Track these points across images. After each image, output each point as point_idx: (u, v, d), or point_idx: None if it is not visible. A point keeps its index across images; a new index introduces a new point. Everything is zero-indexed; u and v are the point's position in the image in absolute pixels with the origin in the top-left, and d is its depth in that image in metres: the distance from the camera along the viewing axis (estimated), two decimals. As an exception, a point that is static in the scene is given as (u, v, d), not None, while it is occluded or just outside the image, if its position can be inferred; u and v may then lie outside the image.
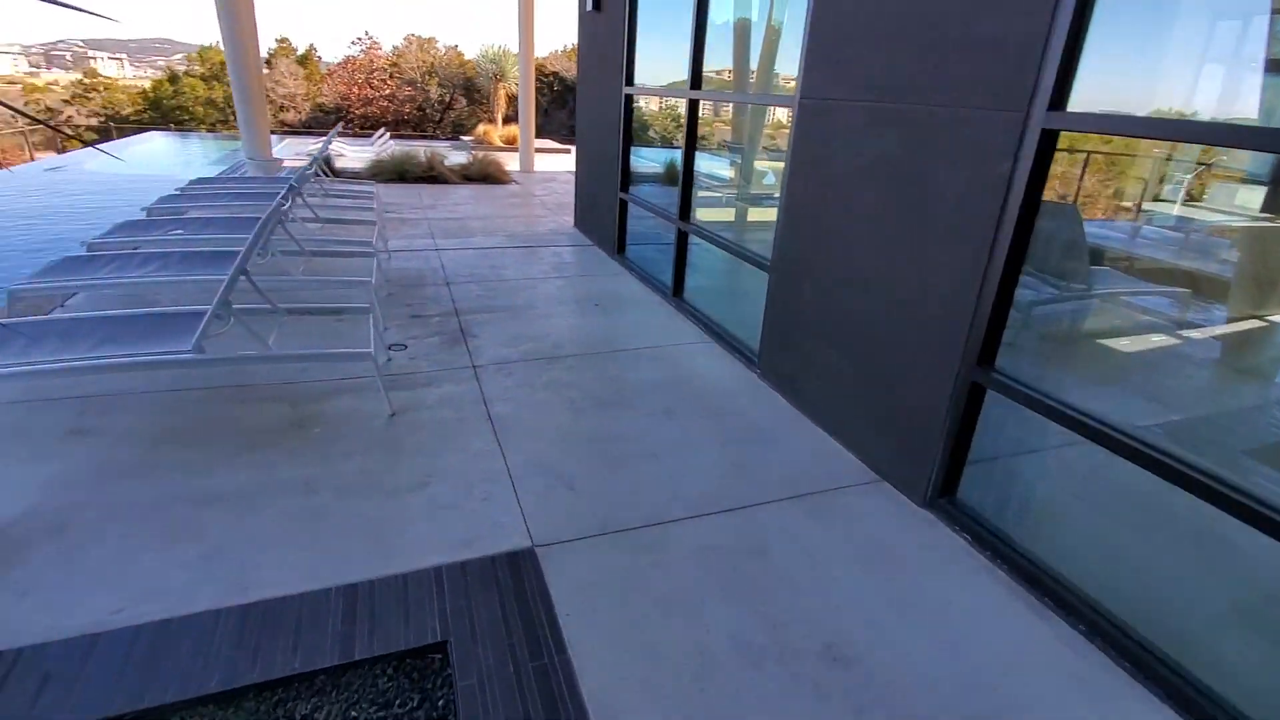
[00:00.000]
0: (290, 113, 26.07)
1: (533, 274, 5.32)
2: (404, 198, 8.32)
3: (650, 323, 4.40)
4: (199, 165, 11.85)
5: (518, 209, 8.16)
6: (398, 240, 6.08)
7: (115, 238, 4.39)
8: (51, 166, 10.17)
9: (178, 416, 2.81)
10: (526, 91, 11.22)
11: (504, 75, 17.54)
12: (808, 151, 3.10)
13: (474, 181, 10.00)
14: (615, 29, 5.47)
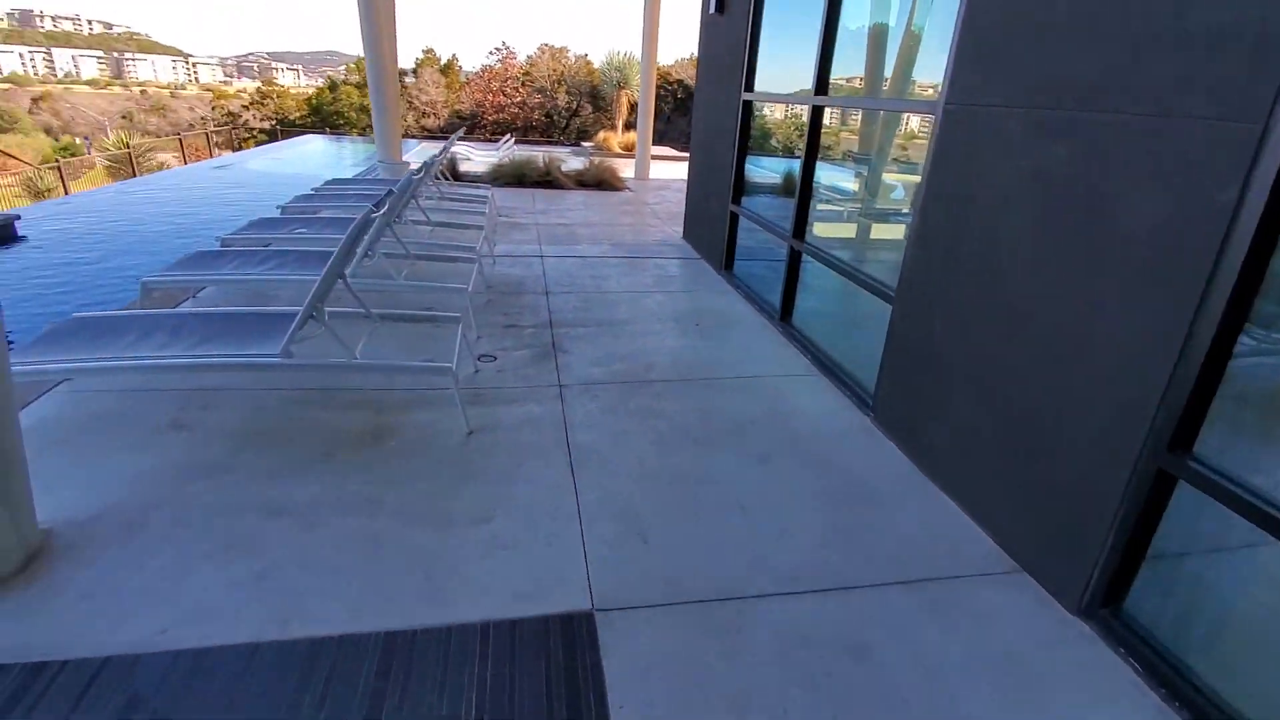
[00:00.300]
0: (430, 118, 27.88)
1: (634, 287, 5.12)
2: (518, 202, 8.46)
3: (753, 348, 4.05)
4: (344, 166, 12.80)
5: (627, 217, 8.04)
6: (505, 245, 6.11)
7: (247, 234, 4.67)
8: (219, 165, 11.37)
9: (268, 416, 2.83)
10: (646, 98, 11.15)
11: (627, 82, 17.68)
12: (949, 165, 2.64)
13: (588, 188, 10.04)
14: (736, 32, 5.16)
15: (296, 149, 16.08)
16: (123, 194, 8.84)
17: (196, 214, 7.71)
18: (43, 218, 6.95)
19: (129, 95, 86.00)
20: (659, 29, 10.70)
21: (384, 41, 7.47)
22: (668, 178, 12.11)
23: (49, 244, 6.06)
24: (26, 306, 5.12)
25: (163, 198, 8.55)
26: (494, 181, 9.82)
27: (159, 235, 6.72)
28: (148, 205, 7.97)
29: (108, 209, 7.70)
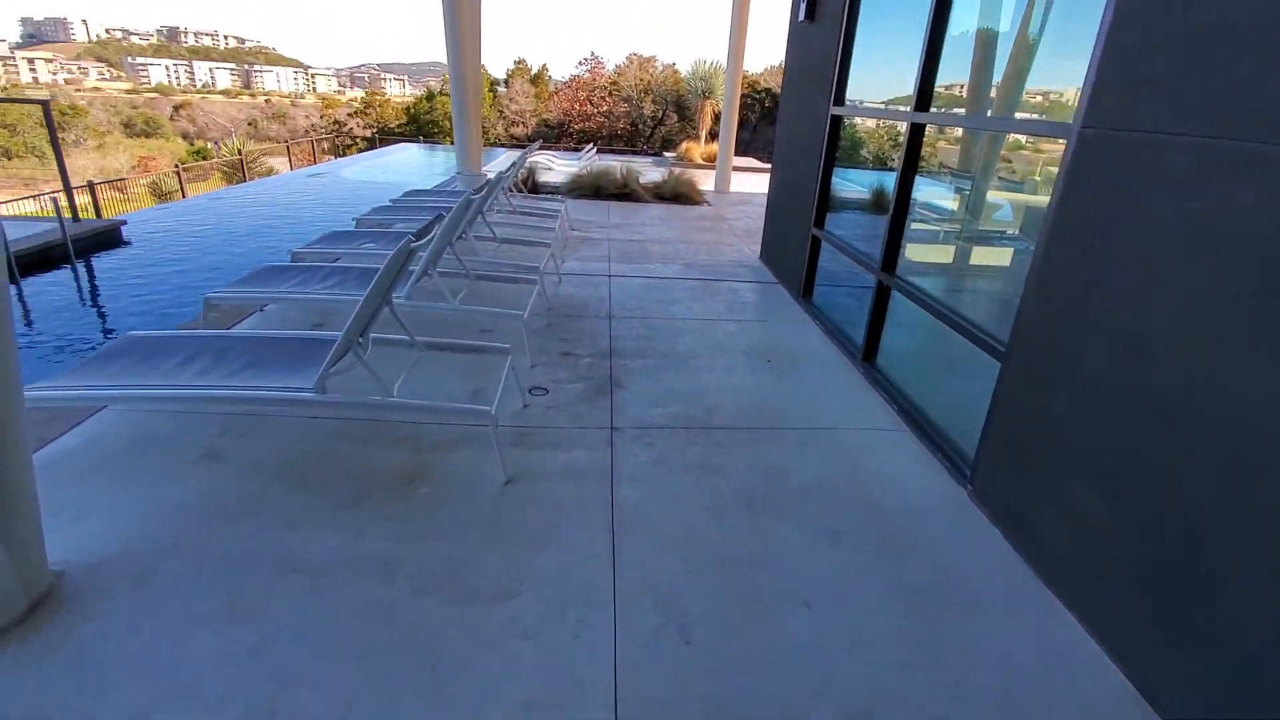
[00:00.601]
0: (519, 127, 28.59)
1: (703, 313, 4.79)
2: (593, 215, 8.31)
3: (830, 392, 3.63)
4: (431, 175, 13.16)
5: (703, 234, 7.72)
6: (574, 262, 5.93)
7: (318, 247, 4.68)
8: (314, 172, 11.93)
9: (304, 449, 2.71)
10: (730, 107, 10.79)
11: (712, 92, 17.36)
12: (1084, 203, 2.18)
13: (665, 200, 9.79)
14: (828, 40, 4.75)
15: (390, 157, 16.76)
16: (220, 200, 9.37)
17: (283, 221, 8.03)
18: (146, 223, 7.41)
19: (255, 104, 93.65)
20: (746, 35, 10.33)
21: (467, 53, 7.51)
22: (749, 191, 11.70)
23: (146, 249, 6.42)
24: (120, 304, 5.40)
25: (256, 204, 8.98)
26: (571, 193, 9.75)
27: (245, 241, 7.01)
28: (241, 212, 8.38)
29: (204, 215, 8.15)
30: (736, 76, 10.56)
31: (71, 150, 47.28)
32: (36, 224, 5.84)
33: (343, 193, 9.80)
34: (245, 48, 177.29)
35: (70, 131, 48.70)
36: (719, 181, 11.31)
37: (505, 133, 28.26)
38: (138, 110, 69.00)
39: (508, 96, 28.99)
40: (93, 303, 5.42)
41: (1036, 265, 2.38)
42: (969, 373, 3.13)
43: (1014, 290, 2.54)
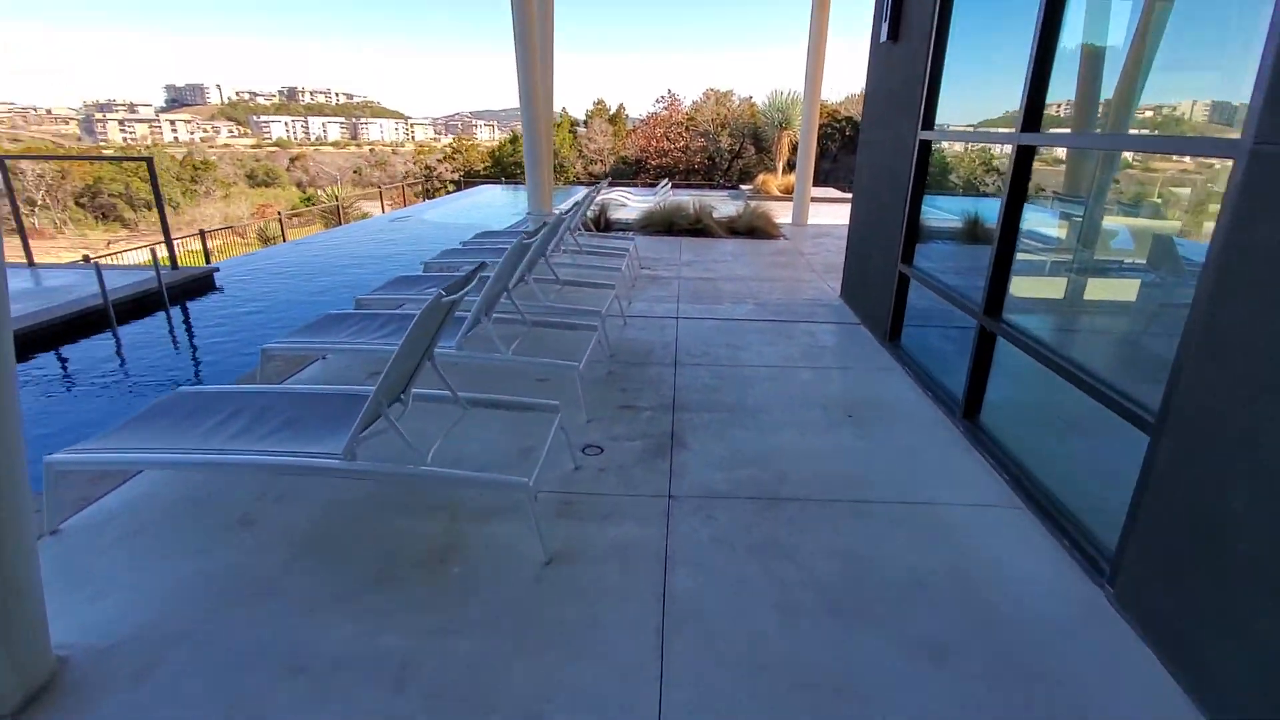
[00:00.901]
0: (597, 165, 29.22)
1: (777, 359, 4.40)
2: (663, 252, 8.09)
3: (924, 455, 3.15)
4: (509, 214, 13.48)
5: (779, 270, 7.32)
6: (641, 302, 5.69)
7: (383, 293, 4.66)
8: (397, 217, 12.44)
9: (337, 515, 2.53)
10: (808, 137, 10.41)
11: (789, 122, 17.01)
12: (1265, 235, 1.69)
13: (740, 235, 9.47)
14: (914, 60, 4.35)
15: (472, 199, 17.38)
16: (308, 245, 9.85)
17: (362, 263, 8.30)
18: (238, 269, 7.82)
19: (360, 153, 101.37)
20: (824, 61, 9.97)
21: (538, 99, 7.59)
22: (828, 223, 11.20)
23: (234, 294, 6.73)
24: (200, 346, 5.63)
25: (340, 248, 9.37)
26: (643, 229, 9.62)
27: (324, 284, 7.25)
28: (326, 256, 8.74)
29: (291, 260, 8.55)
30: (814, 104, 10.19)
31: (202, 200, 52.64)
32: (138, 272, 6.21)
33: (422, 235, 10.11)
34: (353, 102, 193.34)
35: (201, 184, 54.29)
36: (796, 214, 10.89)
37: (584, 170, 28.93)
38: (260, 163, 76.34)
39: (587, 136, 29.75)
40: (175, 346, 5.65)
41: (1200, 314, 1.89)
42: (1103, 435, 2.60)
43: (1146, 330, 2.04)
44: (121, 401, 4.57)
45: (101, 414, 4.41)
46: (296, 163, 79.73)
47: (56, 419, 4.34)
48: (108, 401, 4.59)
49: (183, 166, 56.55)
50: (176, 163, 57.29)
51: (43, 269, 6.65)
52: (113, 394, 4.72)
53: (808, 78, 10.02)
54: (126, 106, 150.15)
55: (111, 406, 4.53)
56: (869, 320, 5.15)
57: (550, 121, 8.20)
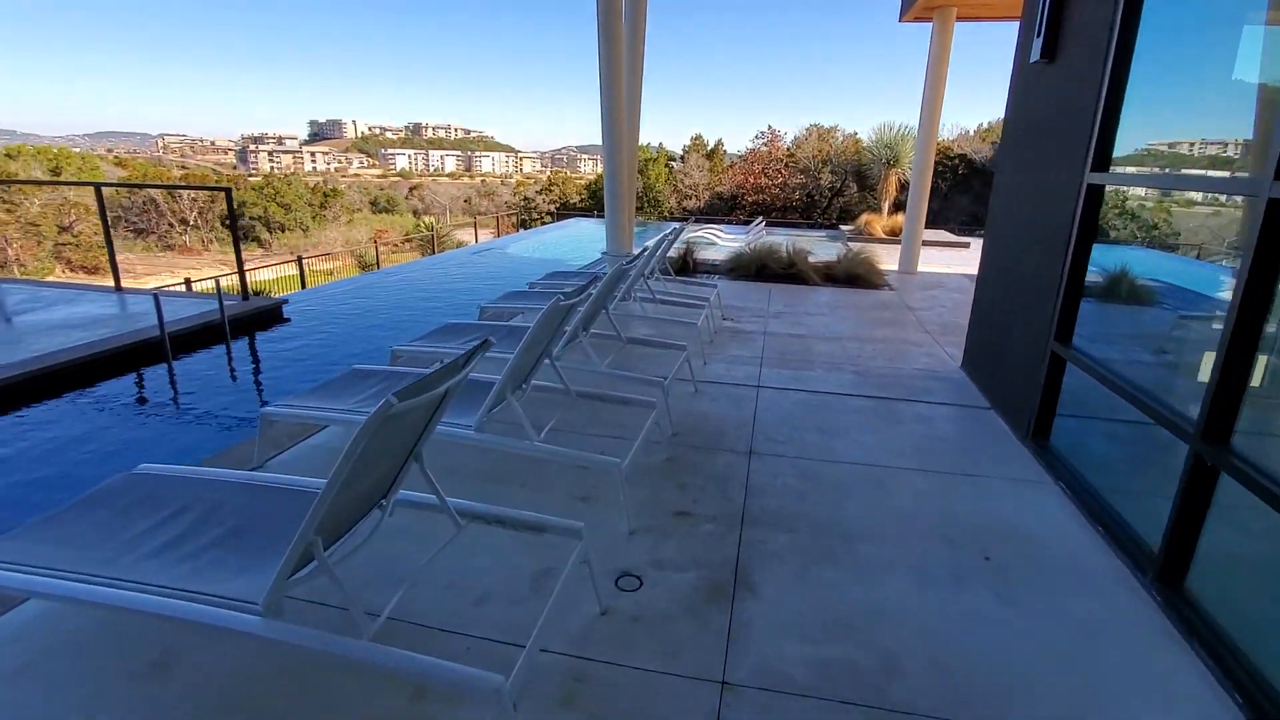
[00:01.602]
0: (692, 200, 28.84)
1: (881, 454, 3.48)
2: (750, 300, 7.28)
3: (1104, 644, 2.15)
4: (597, 248, 13.14)
5: (884, 328, 6.32)
6: (718, 363, 4.91)
7: (422, 345, 4.16)
8: (481, 249, 12.34)
9: (271, 667, 1.90)
10: (921, 176, 9.33)
11: (897, 160, 15.81)
12: None
13: (838, 283, 8.50)
14: (1079, 85, 3.38)
15: (561, 231, 17.29)
16: (387, 277, 9.79)
17: (434, 298, 8.03)
18: (307, 300, 7.72)
19: (472, 184, 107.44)
20: (944, 92, 8.93)
21: (621, 133, 7.11)
22: (942, 271, 9.99)
23: (301, 328, 6.56)
24: (278, 374, 5.38)
25: (418, 281, 9.22)
26: (730, 272, 8.86)
27: (388, 322, 6.98)
28: (400, 290, 8.58)
29: (363, 292, 8.42)
30: (930, 139, 9.13)
31: (328, 224, 57.17)
32: (205, 302, 6.11)
33: (499, 269, 9.87)
34: (470, 137, 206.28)
35: (329, 210, 59.02)
36: (905, 260, 9.76)
37: (678, 205, 28.62)
38: (383, 191, 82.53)
39: (682, 171, 29.51)
40: (233, 379, 5.42)
41: None
42: None
43: None
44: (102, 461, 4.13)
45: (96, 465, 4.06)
46: (414, 192, 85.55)
47: (43, 463, 4.00)
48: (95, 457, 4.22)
49: (314, 194, 61.62)
50: (309, 190, 62.57)
51: (129, 294, 6.76)
52: (109, 441, 4.42)
53: (924, 109, 9.00)
54: (275, 139, 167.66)
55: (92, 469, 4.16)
56: (1003, 405, 4.11)
57: (633, 158, 7.70)
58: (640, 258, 5.09)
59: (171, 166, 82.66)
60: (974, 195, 28.63)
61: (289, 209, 57.10)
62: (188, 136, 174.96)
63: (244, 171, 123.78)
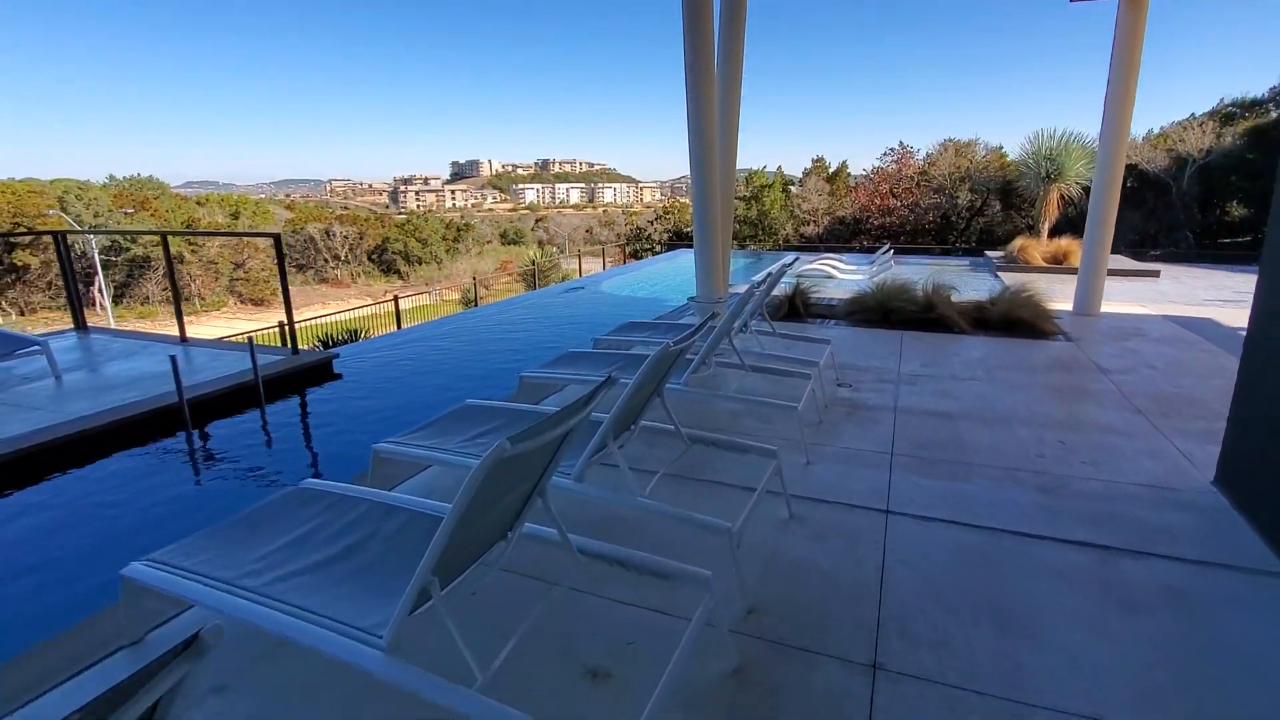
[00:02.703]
0: (810, 226, 26.97)
1: (1116, 674, 1.97)
2: (875, 355, 5.75)
3: None
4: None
5: (1069, 401, 4.58)
6: (826, 462, 3.53)
7: (490, 402, 3.24)
8: (573, 286, 11.56)
9: None
10: (1105, 193, 7.30)
11: (1060, 172, 13.31)
12: None
13: (992, 330, 6.71)
14: None
15: (664, 264, 16.30)
16: (457, 323, 9.17)
17: (499, 351, 7.22)
18: (371, 348, 7.15)
19: (595, 214, 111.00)
20: (1135, 85, 6.93)
21: (711, 157, 5.96)
22: (1132, 312, 7.80)
23: (354, 385, 5.93)
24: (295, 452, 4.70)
25: (490, 327, 8.51)
26: (850, 316, 7.33)
27: (446, 384, 6.21)
28: (473, 335, 7.87)
29: (427, 343, 7.77)
30: (1118, 145, 7.10)
31: (461, 257, 60.83)
32: (263, 354, 5.59)
33: (583, 312, 8.98)
34: (593, 169, 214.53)
35: (462, 243, 62.83)
36: (1082, 297, 7.67)
37: (795, 232, 26.86)
38: (512, 224, 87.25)
39: (801, 195, 27.76)
40: (269, 448, 4.79)
41: None
42: None
43: None
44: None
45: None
46: (540, 223, 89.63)
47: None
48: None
49: (448, 229, 65.93)
50: (444, 225, 67.08)
51: (194, 346, 6.50)
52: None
53: (1109, 106, 7.03)
54: (422, 180, 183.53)
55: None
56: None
57: (729, 185, 6.53)
58: (721, 322, 3.84)
59: (335, 208, 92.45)
60: (1147, 212, 24.49)
61: (425, 243, 61.24)
62: (351, 180, 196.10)
63: (393, 210, 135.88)
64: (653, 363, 2.45)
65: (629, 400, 2.46)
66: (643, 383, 2.47)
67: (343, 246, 57.66)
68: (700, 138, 5.87)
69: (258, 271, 49.43)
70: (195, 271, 45.04)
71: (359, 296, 48.31)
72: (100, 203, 44.12)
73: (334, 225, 58.43)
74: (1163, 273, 12.18)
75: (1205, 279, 12.22)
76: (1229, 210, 25.69)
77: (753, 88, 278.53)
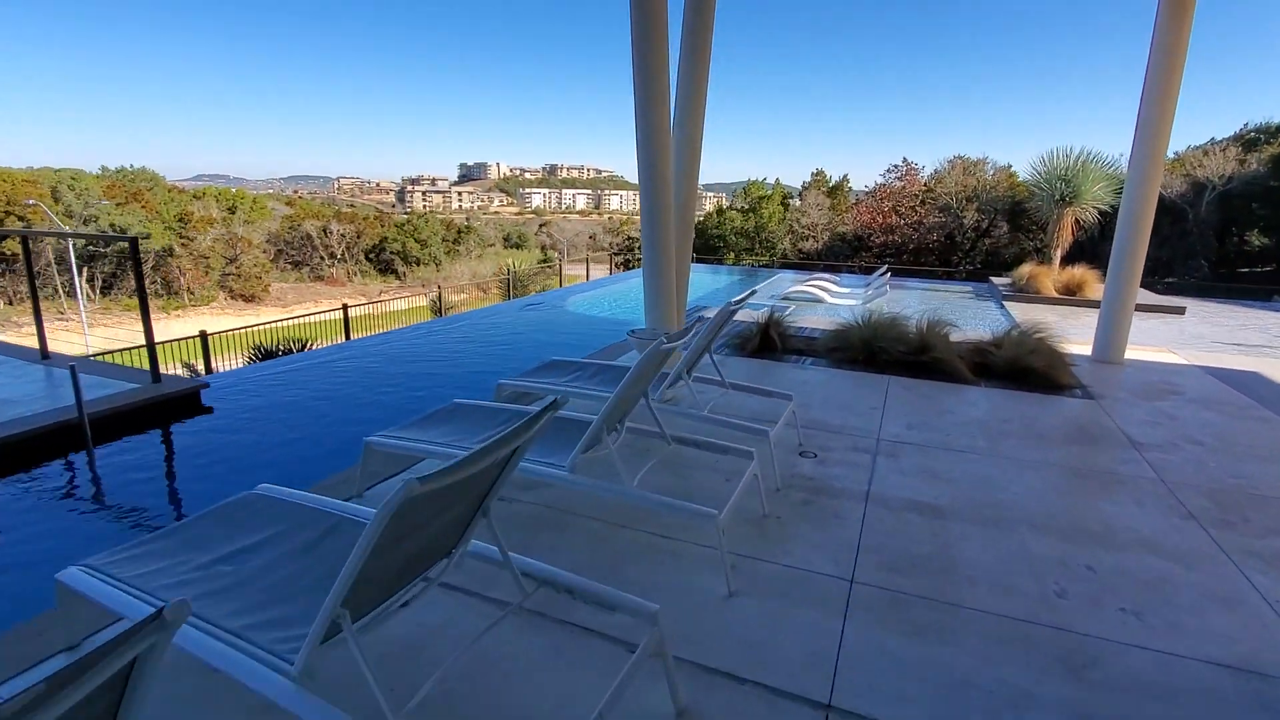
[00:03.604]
0: (810, 241, 25.97)
1: None
2: (854, 408, 4.69)
3: None
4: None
5: (1095, 495, 3.50)
6: (758, 586, 2.47)
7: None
8: (531, 303, 10.53)
9: None
10: (1135, 221, 6.23)
11: (1076, 195, 12.26)
12: None
13: (996, 378, 5.66)
14: None
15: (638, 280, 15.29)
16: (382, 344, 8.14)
17: (398, 386, 6.19)
18: (260, 374, 6.11)
19: (600, 220, 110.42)
20: (1175, 95, 5.91)
21: (662, 172, 4.94)
22: (1160, 360, 6.72)
23: (226, 423, 4.89)
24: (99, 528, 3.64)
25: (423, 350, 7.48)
26: (832, 353, 6.29)
27: (327, 412, 5.19)
28: (388, 362, 6.85)
29: (339, 365, 6.74)
30: (1154, 162, 6.03)
31: (460, 259, 59.91)
32: (114, 384, 4.57)
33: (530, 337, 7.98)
34: (600, 176, 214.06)
35: (462, 245, 61.93)
36: (1103, 341, 6.59)
37: (793, 247, 25.85)
38: (516, 228, 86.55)
39: (800, 210, 26.76)
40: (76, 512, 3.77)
41: None
42: None
43: None
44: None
45: None
46: (544, 228, 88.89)
47: None
48: None
49: (448, 230, 65.12)
50: (444, 226, 66.27)
51: (54, 363, 5.47)
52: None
53: (1144, 113, 6.00)
54: (430, 180, 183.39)
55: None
56: None
57: (689, 205, 5.51)
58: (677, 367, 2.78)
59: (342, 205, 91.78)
60: (1161, 239, 23.47)
61: (425, 244, 60.34)
62: (359, 179, 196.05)
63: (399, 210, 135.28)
64: (643, 364, 1.76)
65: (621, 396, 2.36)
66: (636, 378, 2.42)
67: (339, 245, 56.82)
68: (650, 142, 4.85)
69: (250, 267, 48.55)
70: (186, 265, 44.13)
71: (353, 296, 47.39)
72: (91, 193, 43.33)
73: (331, 223, 57.65)
74: (1188, 309, 11.11)
75: (1237, 316, 11.14)
76: (1249, 240, 24.64)
77: (745, 98, 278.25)
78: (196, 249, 44.96)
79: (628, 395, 2.67)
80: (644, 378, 2.72)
